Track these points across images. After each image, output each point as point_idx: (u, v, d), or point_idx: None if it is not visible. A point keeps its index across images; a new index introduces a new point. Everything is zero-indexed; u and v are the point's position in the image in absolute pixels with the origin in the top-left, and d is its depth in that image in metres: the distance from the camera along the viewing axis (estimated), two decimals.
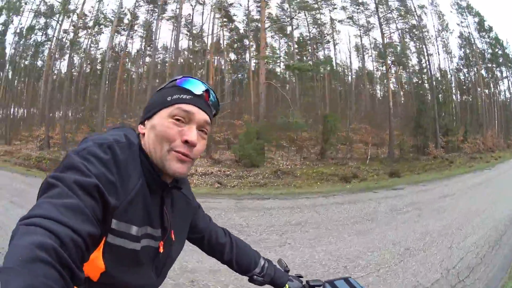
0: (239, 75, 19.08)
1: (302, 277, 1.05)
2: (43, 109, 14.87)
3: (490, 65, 20.88)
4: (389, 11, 16.44)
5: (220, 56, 18.06)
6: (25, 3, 14.56)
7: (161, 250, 0.76)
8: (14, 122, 15.36)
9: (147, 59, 17.90)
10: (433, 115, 15.92)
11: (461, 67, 20.53)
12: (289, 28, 17.89)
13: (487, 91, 21.53)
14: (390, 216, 5.70)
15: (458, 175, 11.19)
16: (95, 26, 15.30)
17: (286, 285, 1.01)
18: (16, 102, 15.66)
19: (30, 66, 15.13)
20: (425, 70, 18.07)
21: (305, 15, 17.19)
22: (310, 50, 18.44)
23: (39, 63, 15.29)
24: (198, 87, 0.74)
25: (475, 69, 20.59)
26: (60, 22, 14.57)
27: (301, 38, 18.47)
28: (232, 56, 18.92)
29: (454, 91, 19.98)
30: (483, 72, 20.89)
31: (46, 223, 0.47)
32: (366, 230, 4.78)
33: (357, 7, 17.23)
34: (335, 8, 17.33)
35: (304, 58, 18.09)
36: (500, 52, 20.60)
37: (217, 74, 17.74)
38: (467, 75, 20.92)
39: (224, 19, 16.91)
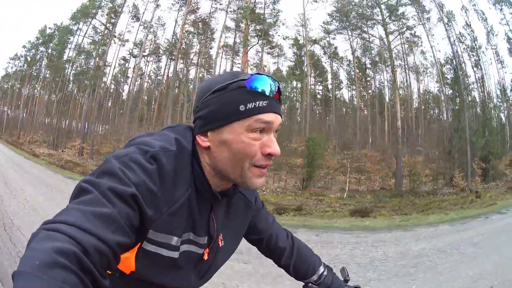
0: None
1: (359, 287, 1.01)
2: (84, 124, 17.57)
3: None
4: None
5: None
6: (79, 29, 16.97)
7: (206, 257, 0.73)
8: (64, 132, 18.46)
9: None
10: (466, 136, 13.08)
11: None
12: None
13: None
14: None
15: (464, 219, 8.83)
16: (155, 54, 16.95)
17: None
18: (68, 115, 18.64)
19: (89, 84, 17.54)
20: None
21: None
22: None
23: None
24: (269, 86, 0.64)
25: None
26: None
27: None
28: None
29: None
30: None
31: (69, 230, 0.46)
32: None
33: None
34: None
35: None
36: None
37: None
38: None
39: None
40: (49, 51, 17.62)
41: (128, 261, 0.63)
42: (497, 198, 11.17)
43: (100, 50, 16.96)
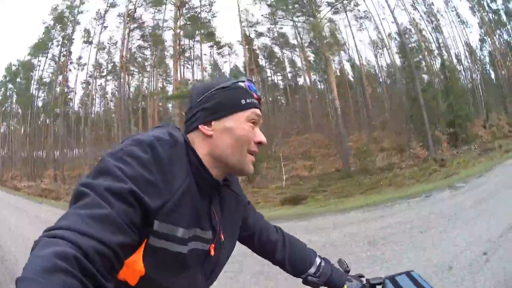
0: None
1: (363, 276, 0.97)
2: (53, 152, 18.07)
3: None
4: None
5: None
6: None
7: (212, 253, 0.74)
8: (39, 162, 19.07)
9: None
10: (420, 102, 12.13)
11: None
12: None
13: None
14: None
15: (398, 200, 7.26)
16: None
17: (345, 286, 0.94)
18: (42, 146, 19.20)
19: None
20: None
21: None
22: None
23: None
24: (257, 91, 0.77)
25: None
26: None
27: None
28: None
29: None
30: None
31: (69, 235, 0.47)
32: None
33: None
34: None
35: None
36: None
37: None
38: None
39: None
40: (16, 86, 18.19)
41: (135, 264, 0.61)
42: (467, 165, 10.08)
43: (59, 78, 17.39)
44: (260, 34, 16.01)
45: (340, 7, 14.81)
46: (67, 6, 16.60)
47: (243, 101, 0.73)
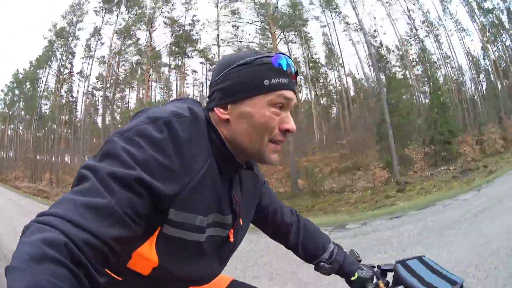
0: None
1: (375, 267, 0.95)
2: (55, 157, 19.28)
3: None
4: None
5: None
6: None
7: (232, 239, 0.70)
8: (41, 166, 20.45)
9: None
10: (386, 120, 11.47)
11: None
12: None
13: None
14: None
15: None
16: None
17: (356, 273, 0.91)
18: (45, 150, 20.55)
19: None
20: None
21: None
22: None
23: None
24: (291, 66, 0.66)
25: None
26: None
27: None
28: None
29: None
30: None
31: (60, 224, 0.43)
32: None
33: None
34: None
35: None
36: None
37: None
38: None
39: None
40: (23, 93, 19.62)
41: (148, 255, 0.58)
42: (432, 190, 9.31)
43: (63, 89, 18.53)
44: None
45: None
46: (67, 22, 17.49)
47: (266, 82, 0.62)
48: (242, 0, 14.72)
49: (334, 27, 15.53)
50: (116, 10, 16.63)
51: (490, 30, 16.70)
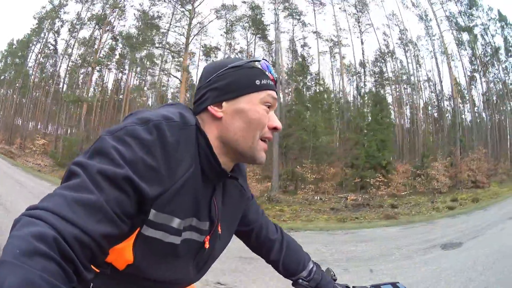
0: None
1: (349, 287, 0.96)
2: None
3: None
4: None
5: None
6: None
7: (207, 245, 0.69)
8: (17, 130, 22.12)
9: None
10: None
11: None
12: None
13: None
14: None
15: None
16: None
17: None
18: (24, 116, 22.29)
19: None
20: None
21: None
22: None
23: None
24: (272, 72, 0.71)
25: None
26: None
27: None
28: None
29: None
30: None
31: (51, 218, 0.44)
32: None
33: None
34: None
35: None
36: None
37: None
38: None
39: None
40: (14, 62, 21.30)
41: (124, 252, 0.59)
42: (286, 216, 8.78)
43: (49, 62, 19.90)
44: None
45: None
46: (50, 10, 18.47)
47: (257, 82, 0.67)
48: None
49: None
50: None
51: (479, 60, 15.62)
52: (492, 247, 5.15)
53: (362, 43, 16.02)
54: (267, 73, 0.69)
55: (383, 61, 16.70)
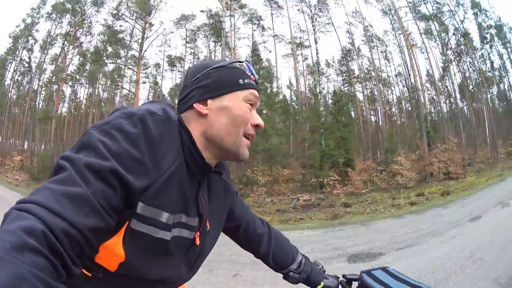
0: None
1: (339, 277, 0.98)
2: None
3: None
4: None
5: None
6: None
7: (198, 242, 0.70)
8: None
9: None
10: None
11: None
12: None
13: None
14: None
15: None
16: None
17: (322, 282, 0.95)
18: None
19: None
20: None
21: None
22: None
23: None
24: (255, 73, 0.75)
25: None
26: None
27: None
28: None
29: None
30: None
31: (40, 212, 0.44)
32: None
33: None
34: None
35: None
36: None
37: None
38: None
39: None
40: None
41: (115, 248, 0.58)
42: None
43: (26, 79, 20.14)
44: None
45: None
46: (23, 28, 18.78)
47: (241, 81, 0.70)
48: None
49: None
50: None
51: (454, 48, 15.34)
52: (416, 265, 4.02)
53: (316, 42, 16.02)
54: (249, 73, 0.72)
55: (349, 59, 16.57)
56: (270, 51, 16.05)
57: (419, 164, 12.69)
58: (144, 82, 16.69)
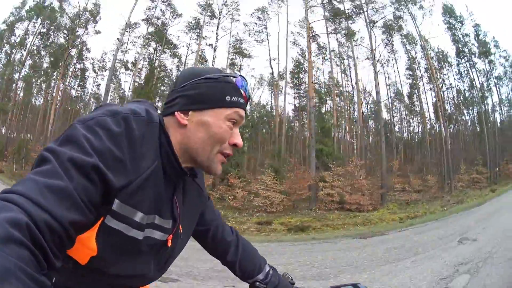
0: None
1: None
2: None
3: None
4: None
5: None
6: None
7: (170, 244, 0.71)
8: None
9: None
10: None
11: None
12: None
13: None
14: None
15: None
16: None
17: None
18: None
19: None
20: None
21: None
22: None
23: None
24: (247, 90, 0.73)
25: None
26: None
27: None
28: None
29: None
30: None
31: (23, 203, 0.44)
32: None
33: None
34: None
35: None
36: None
37: None
38: None
39: None
40: None
41: (88, 242, 0.59)
42: None
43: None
44: None
45: None
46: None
47: (228, 98, 0.69)
48: None
49: None
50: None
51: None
52: None
53: (214, 50, 17.60)
54: (241, 90, 0.71)
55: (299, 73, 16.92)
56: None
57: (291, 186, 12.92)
58: None
